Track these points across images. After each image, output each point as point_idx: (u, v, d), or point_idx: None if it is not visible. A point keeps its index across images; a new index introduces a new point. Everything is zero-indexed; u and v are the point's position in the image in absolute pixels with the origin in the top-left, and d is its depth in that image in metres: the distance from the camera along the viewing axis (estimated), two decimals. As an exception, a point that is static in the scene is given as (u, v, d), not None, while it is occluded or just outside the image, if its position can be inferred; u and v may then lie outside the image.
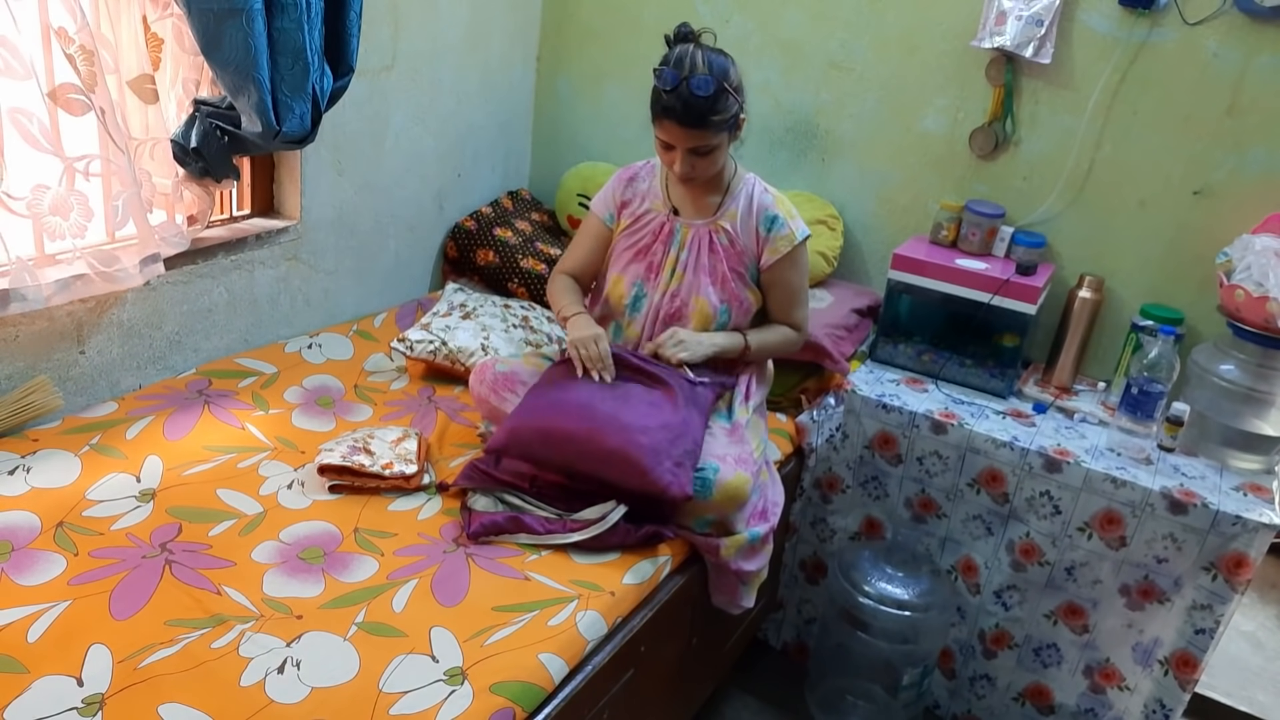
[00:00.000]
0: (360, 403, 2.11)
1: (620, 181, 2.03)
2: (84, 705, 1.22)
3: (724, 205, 1.93)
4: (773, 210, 1.92)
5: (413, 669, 1.34)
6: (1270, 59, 2.07)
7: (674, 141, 1.78)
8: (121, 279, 1.78)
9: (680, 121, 1.74)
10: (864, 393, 2.19)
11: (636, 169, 2.03)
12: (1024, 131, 2.36)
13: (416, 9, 2.42)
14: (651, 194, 1.99)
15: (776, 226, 1.91)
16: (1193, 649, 1.95)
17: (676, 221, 1.95)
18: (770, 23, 2.60)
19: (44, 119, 1.62)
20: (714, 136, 1.77)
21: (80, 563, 1.48)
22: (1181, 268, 2.25)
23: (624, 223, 2.00)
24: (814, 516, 2.34)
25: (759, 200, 1.93)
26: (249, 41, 1.73)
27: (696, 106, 1.71)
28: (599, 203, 2.03)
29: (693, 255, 1.93)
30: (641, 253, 1.97)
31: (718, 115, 1.74)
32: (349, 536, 1.64)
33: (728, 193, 1.94)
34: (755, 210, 1.92)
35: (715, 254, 1.92)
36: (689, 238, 1.93)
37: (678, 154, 1.80)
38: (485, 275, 2.68)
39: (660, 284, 1.95)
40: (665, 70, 1.74)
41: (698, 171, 1.83)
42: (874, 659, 2.18)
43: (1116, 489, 1.94)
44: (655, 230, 1.96)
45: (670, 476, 1.64)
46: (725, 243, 1.92)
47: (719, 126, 1.76)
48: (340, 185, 2.35)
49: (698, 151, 1.79)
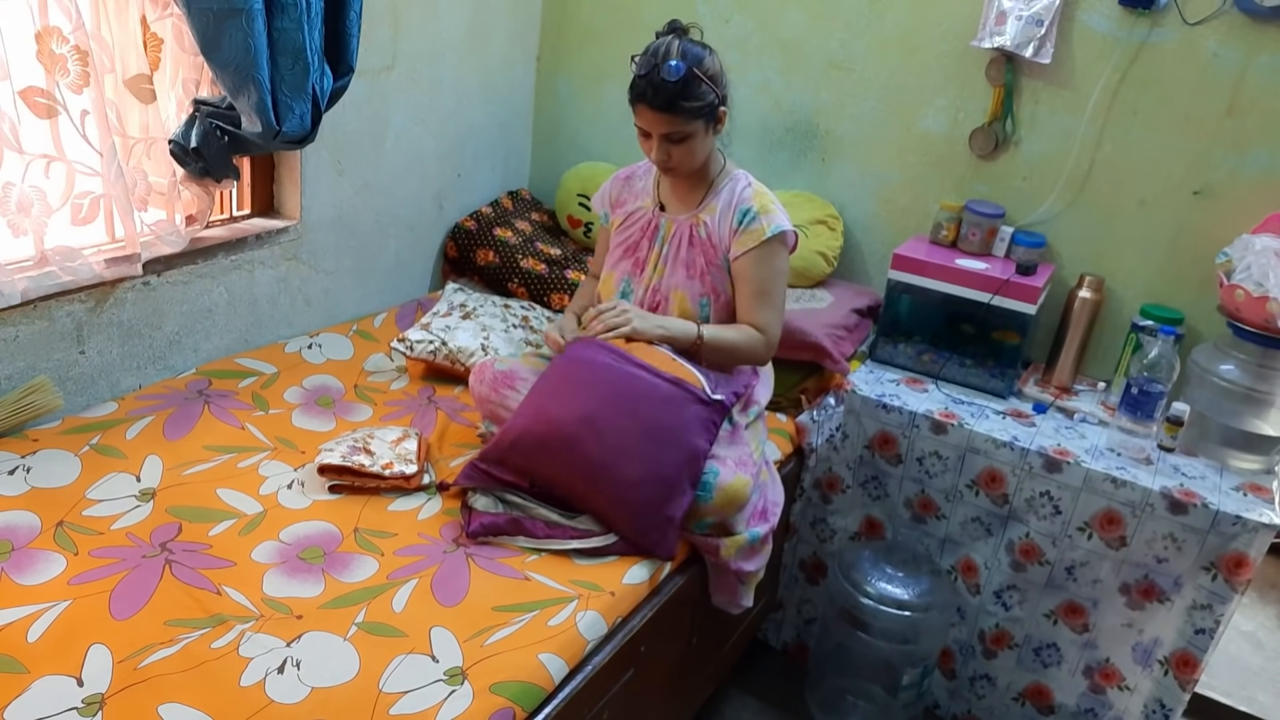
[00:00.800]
0: (360, 403, 2.11)
1: (616, 181, 2.05)
2: (84, 705, 1.22)
3: (706, 199, 1.93)
4: (749, 204, 1.90)
5: (413, 669, 1.34)
6: (1270, 59, 2.07)
7: (647, 127, 1.79)
8: (84, 275, 1.78)
9: (651, 105, 1.75)
10: (864, 393, 2.19)
11: (634, 169, 2.05)
12: (1024, 131, 2.36)
13: (416, 9, 2.42)
14: (644, 192, 2.00)
15: (748, 219, 1.88)
16: (1193, 649, 1.95)
17: (661, 217, 1.96)
18: (770, 23, 2.60)
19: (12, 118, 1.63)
20: (686, 123, 1.77)
21: (80, 562, 1.48)
22: (1181, 268, 2.25)
23: (617, 220, 2.02)
24: (814, 517, 2.34)
25: (740, 194, 1.92)
26: (249, 41, 1.73)
27: (665, 90, 1.73)
28: (596, 202, 2.08)
29: (673, 249, 1.93)
30: (630, 249, 1.99)
31: (688, 101, 1.75)
32: (349, 536, 1.64)
33: (711, 187, 1.94)
34: (734, 204, 1.91)
35: (694, 247, 1.92)
36: (672, 232, 1.94)
37: (653, 141, 1.81)
38: (485, 275, 2.68)
39: (644, 279, 1.96)
40: (642, 56, 1.77)
41: (675, 161, 1.83)
42: (874, 659, 2.18)
43: (1116, 489, 1.94)
44: (643, 226, 1.98)
45: (658, 536, 1.66)
46: (704, 235, 1.91)
47: (691, 113, 1.76)
48: (340, 185, 2.35)
49: (671, 138, 1.79)
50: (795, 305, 2.44)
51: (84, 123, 1.71)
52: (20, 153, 1.65)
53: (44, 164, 1.69)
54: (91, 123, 1.72)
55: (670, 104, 1.74)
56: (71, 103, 1.69)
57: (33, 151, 1.67)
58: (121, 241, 1.86)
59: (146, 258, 1.88)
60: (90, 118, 1.71)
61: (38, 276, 1.71)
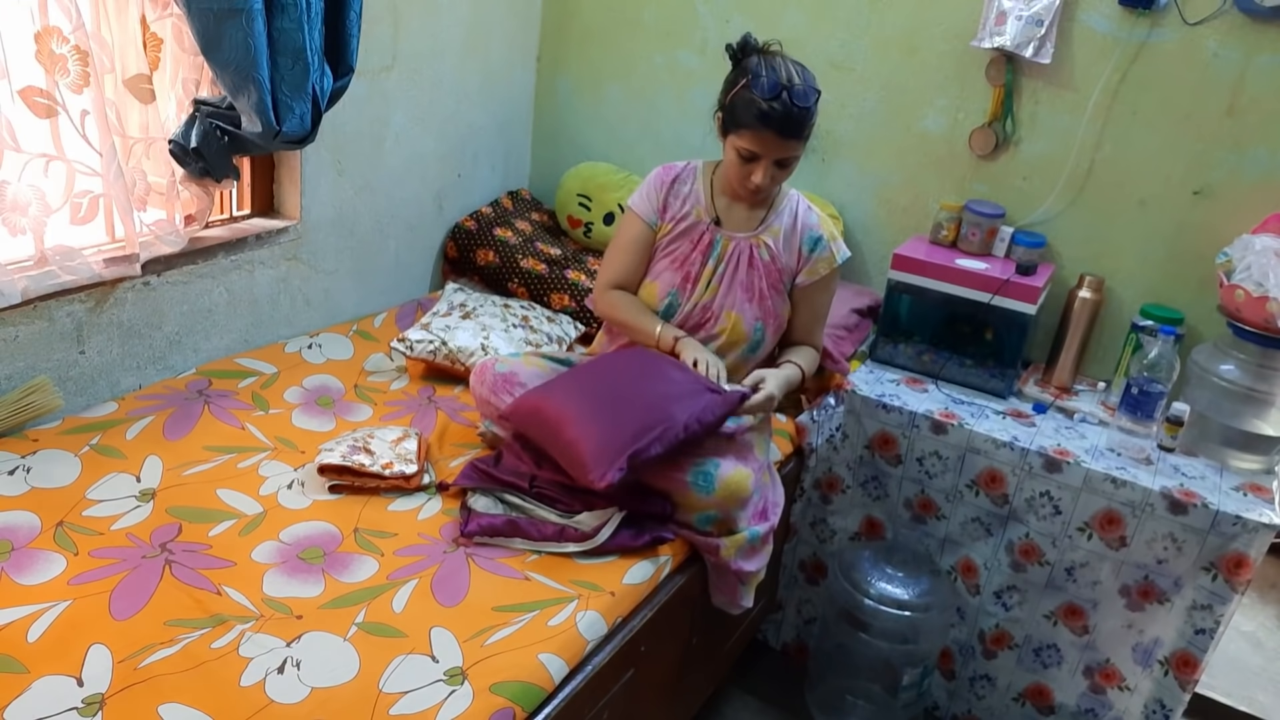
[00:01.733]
0: (360, 403, 2.11)
1: (662, 184, 1.95)
2: (84, 705, 1.22)
3: (768, 220, 1.91)
4: (818, 231, 1.92)
5: (413, 669, 1.34)
6: (1270, 59, 2.07)
7: (765, 152, 1.76)
8: (84, 275, 1.78)
9: (780, 131, 1.73)
10: (864, 393, 2.19)
11: (677, 170, 1.96)
12: (1024, 131, 2.36)
13: (416, 9, 2.42)
14: (694, 199, 1.93)
15: (819, 248, 1.91)
16: (1193, 649, 1.94)
17: (718, 233, 1.91)
18: (770, 23, 2.60)
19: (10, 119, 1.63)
20: (802, 147, 1.79)
21: (80, 562, 1.47)
22: (1181, 268, 2.25)
23: (666, 227, 1.94)
24: (814, 517, 2.34)
25: (804, 219, 1.92)
26: (249, 41, 1.73)
27: (798, 117, 1.72)
28: (641, 205, 1.95)
29: (730, 268, 1.90)
30: (679, 261, 1.92)
31: (810, 126, 1.76)
32: (349, 536, 1.64)
33: (772, 208, 1.92)
34: (800, 228, 1.91)
35: (755, 269, 1.89)
36: (729, 250, 1.90)
37: (761, 165, 1.77)
38: (485, 275, 2.68)
39: (694, 296, 1.91)
40: (765, 78, 1.72)
41: (775, 183, 1.83)
42: (874, 659, 2.18)
43: (1116, 489, 1.94)
44: (695, 239, 1.92)
45: (596, 467, 1.57)
46: (766, 258, 1.89)
47: (808, 137, 1.78)
48: (340, 185, 2.35)
49: (781, 164, 1.79)
50: (795, 305, 2.44)
51: (84, 122, 1.71)
52: (18, 151, 1.65)
53: (43, 163, 1.69)
54: (91, 122, 1.72)
55: (799, 130, 1.74)
56: (71, 103, 1.69)
57: (31, 151, 1.67)
58: (121, 241, 1.86)
59: (146, 257, 1.88)
60: (90, 117, 1.71)
61: (37, 276, 1.71)
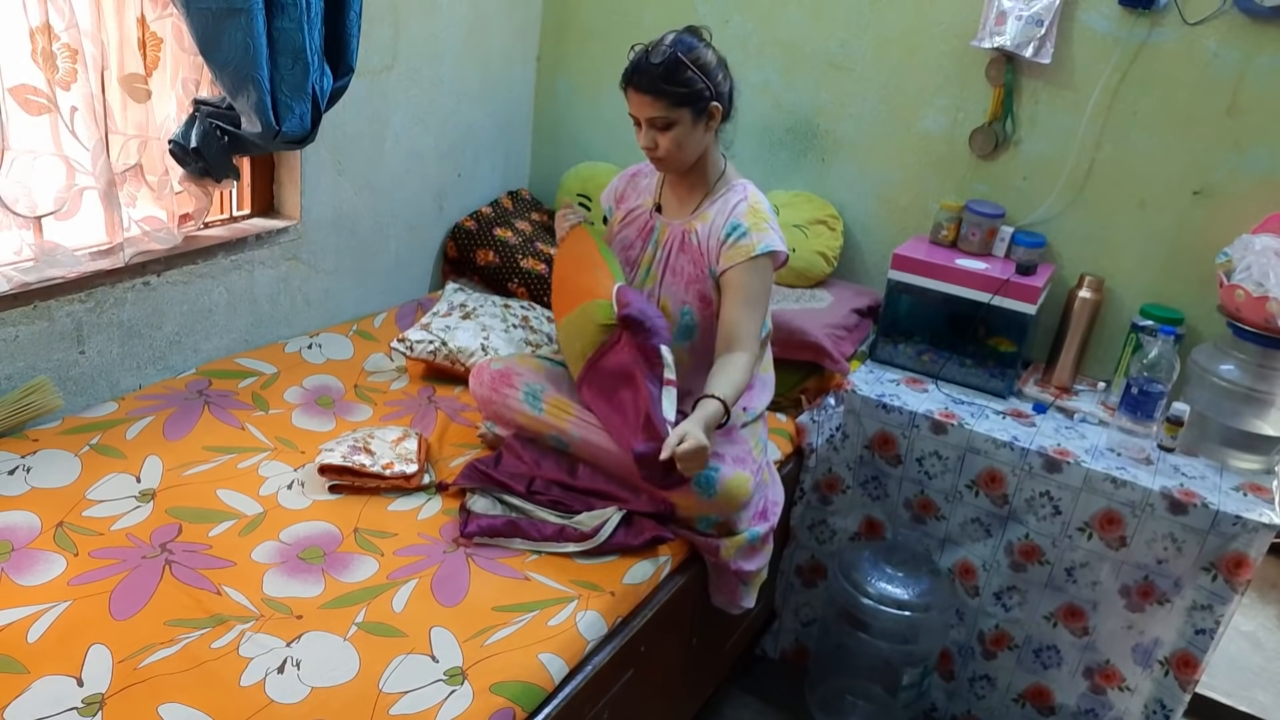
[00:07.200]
0: (360, 403, 2.11)
1: (624, 177, 2.03)
2: (84, 705, 1.22)
3: (702, 206, 1.89)
4: (740, 219, 1.83)
5: (413, 669, 1.34)
6: (1270, 59, 2.07)
7: (634, 110, 1.79)
8: (72, 268, 1.78)
9: (636, 87, 1.75)
10: (864, 393, 2.19)
11: (642, 167, 2.02)
12: (1024, 131, 2.36)
13: (416, 9, 2.42)
14: (647, 191, 1.99)
15: (736, 234, 1.82)
16: (1193, 649, 1.94)
17: (657, 219, 1.94)
18: (770, 23, 2.60)
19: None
20: (670, 109, 1.75)
21: (80, 563, 1.48)
22: (1181, 268, 2.25)
23: (618, 216, 2.01)
24: (814, 517, 2.34)
25: (734, 208, 1.86)
26: (248, 41, 1.73)
27: (649, 71, 1.73)
28: (603, 196, 2.06)
29: (665, 254, 1.90)
30: (627, 249, 1.97)
31: (672, 85, 1.74)
32: (349, 536, 1.64)
33: (709, 194, 1.90)
34: (727, 215, 1.85)
35: (685, 254, 1.89)
36: (665, 236, 1.92)
37: (642, 129, 1.81)
38: (485, 275, 2.68)
39: (636, 281, 1.94)
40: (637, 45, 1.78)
41: (662, 150, 1.80)
42: (874, 659, 2.18)
43: (1116, 489, 1.94)
44: (640, 227, 1.96)
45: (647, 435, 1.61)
46: (694, 243, 1.88)
47: (675, 98, 1.74)
48: (340, 185, 2.35)
49: (656, 124, 1.78)
50: (795, 305, 2.44)
51: (73, 119, 1.71)
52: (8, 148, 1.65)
53: (31, 159, 1.69)
54: (81, 119, 1.71)
55: (654, 86, 1.74)
56: (61, 99, 1.68)
57: (20, 147, 1.67)
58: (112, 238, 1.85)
59: (138, 255, 1.88)
60: (80, 114, 1.71)
61: (26, 270, 1.71)
